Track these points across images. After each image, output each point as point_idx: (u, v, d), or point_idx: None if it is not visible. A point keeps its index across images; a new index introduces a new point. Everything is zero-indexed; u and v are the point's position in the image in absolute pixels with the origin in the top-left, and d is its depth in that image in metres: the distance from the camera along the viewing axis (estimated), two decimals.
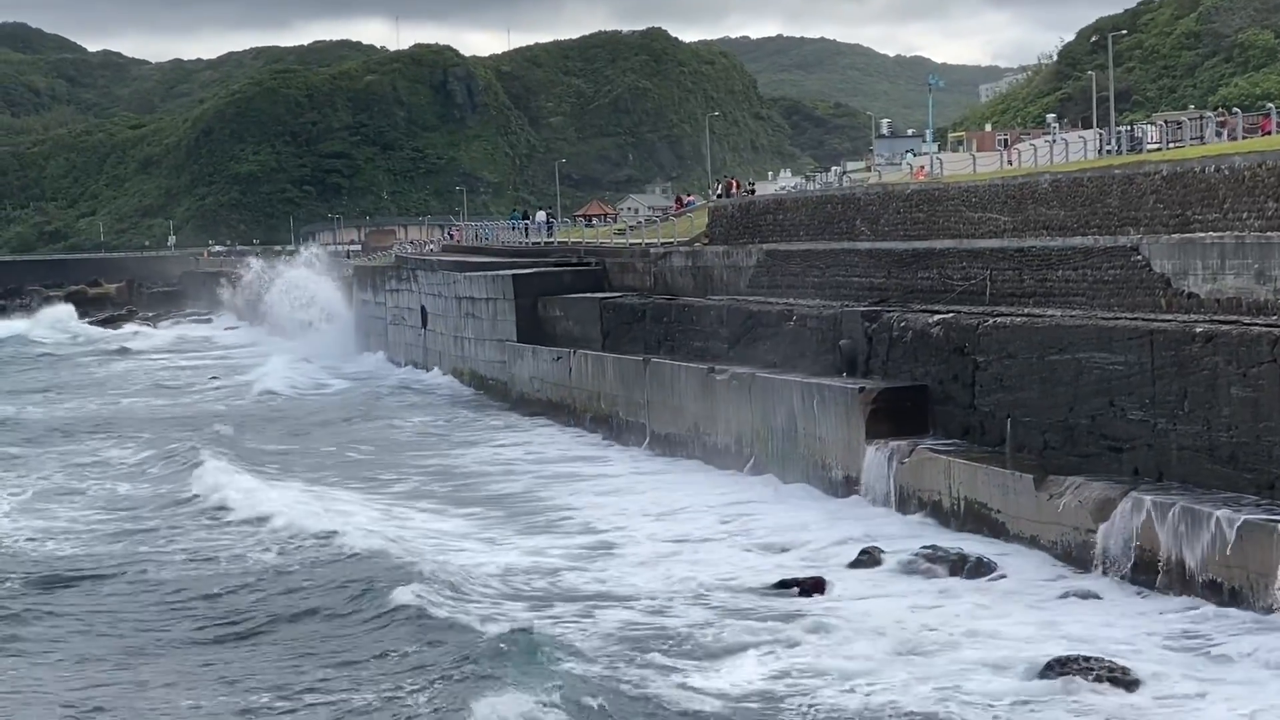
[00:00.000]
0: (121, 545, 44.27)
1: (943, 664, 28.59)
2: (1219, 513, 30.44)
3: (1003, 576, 34.97)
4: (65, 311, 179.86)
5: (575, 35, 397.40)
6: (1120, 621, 30.59)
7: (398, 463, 59.55)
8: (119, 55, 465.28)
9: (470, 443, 64.20)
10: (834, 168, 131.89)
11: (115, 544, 44.45)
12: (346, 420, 74.89)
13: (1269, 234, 34.25)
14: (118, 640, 33.75)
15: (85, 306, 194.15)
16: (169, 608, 36.53)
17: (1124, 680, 26.42)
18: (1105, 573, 33.67)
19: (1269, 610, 29.06)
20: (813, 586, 35.29)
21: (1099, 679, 26.41)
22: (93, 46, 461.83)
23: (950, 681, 27.44)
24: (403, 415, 75.12)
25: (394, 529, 44.65)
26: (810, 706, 26.84)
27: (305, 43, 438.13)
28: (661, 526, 44.22)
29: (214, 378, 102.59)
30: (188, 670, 30.98)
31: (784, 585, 35.61)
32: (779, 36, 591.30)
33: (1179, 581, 31.51)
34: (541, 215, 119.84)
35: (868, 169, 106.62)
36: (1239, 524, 29.74)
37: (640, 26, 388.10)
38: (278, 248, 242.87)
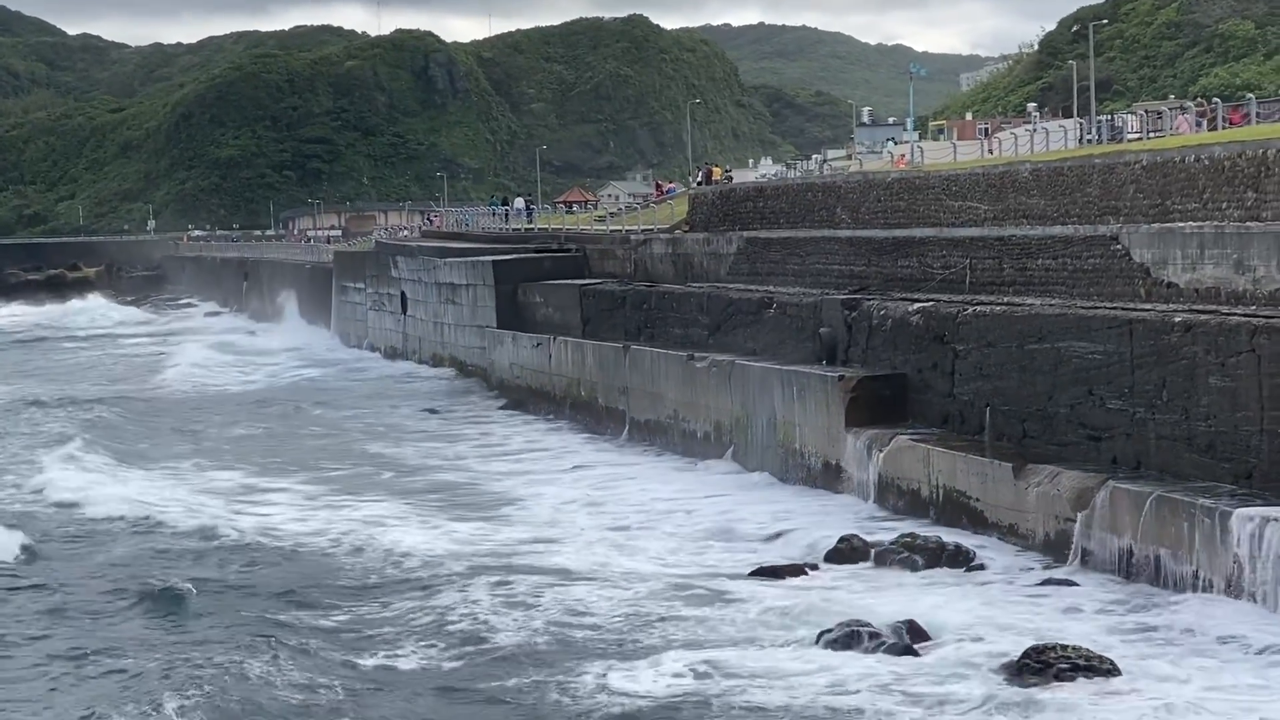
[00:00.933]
0: None
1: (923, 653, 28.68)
2: (1199, 502, 30.55)
3: (981, 566, 35.04)
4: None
5: (557, 22, 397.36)
6: (1098, 610, 30.65)
7: (349, 451, 59.48)
8: (99, 39, 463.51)
9: (433, 431, 64.25)
10: (815, 156, 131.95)
11: None
12: (316, 405, 74.75)
13: (1248, 224, 34.31)
14: None
15: (64, 290, 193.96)
16: None
17: (1101, 669, 26.44)
18: (1084, 562, 33.75)
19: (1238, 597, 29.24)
20: (789, 573, 35.39)
21: (1075, 667, 26.43)
22: (72, 30, 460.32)
23: (927, 671, 27.52)
24: (371, 402, 74.90)
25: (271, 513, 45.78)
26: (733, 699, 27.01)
27: (286, 28, 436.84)
28: (611, 517, 44.42)
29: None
30: None
31: (762, 573, 35.67)
32: (760, 24, 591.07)
33: (1154, 570, 31.59)
34: (520, 202, 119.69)
35: (849, 157, 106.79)
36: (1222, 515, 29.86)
37: (622, 14, 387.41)
38: (257, 232, 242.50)
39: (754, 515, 42.72)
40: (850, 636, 28.92)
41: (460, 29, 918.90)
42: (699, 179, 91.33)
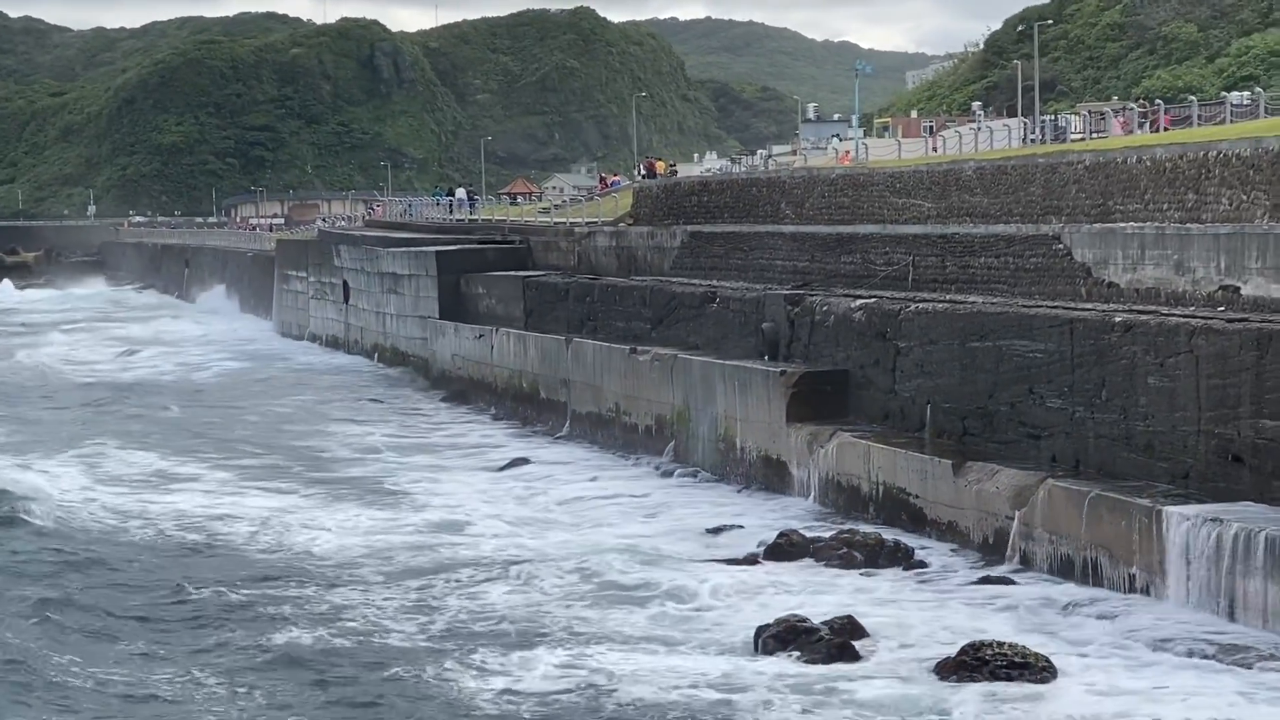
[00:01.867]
0: None
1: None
2: (1136, 501, 30.71)
3: (921, 564, 35.12)
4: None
5: (504, 13, 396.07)
6: (1034, 609, 30.77)
7: (271, 442, 59.13)
8: (40, 22, 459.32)
9: (352, 422, 64.01)
10: (760, 151, 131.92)
11: None
12: (245, 397, 74.27)
13: (1188, 225, 34.52)
14: None
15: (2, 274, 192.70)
16: None
17: (1037, 667, 26.48)
18: (1022, 561, 33.88)
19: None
20: (728, 567, 35.38)
21: (1011, 665, 26.50)
22: (14, 12, 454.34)
23: (865, 668, 27.56)
24: (301, 392, 74.60)
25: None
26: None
27: (230, 14, 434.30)
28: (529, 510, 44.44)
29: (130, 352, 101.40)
30: None
31: (701, 567, 35.63)
32: (707, 19, 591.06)
33: (1091, 570, 31.72)
34: (462, 192, 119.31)
35: (794, 153, 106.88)
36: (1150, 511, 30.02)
37: (569, 6, 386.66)
38: (199, 219, 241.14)
39: (692, 510, 42.69)
40: (788, 633, 28.89)
41: (406, 19, 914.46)
42: (640, 173, 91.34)
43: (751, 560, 36.30)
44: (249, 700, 26.85)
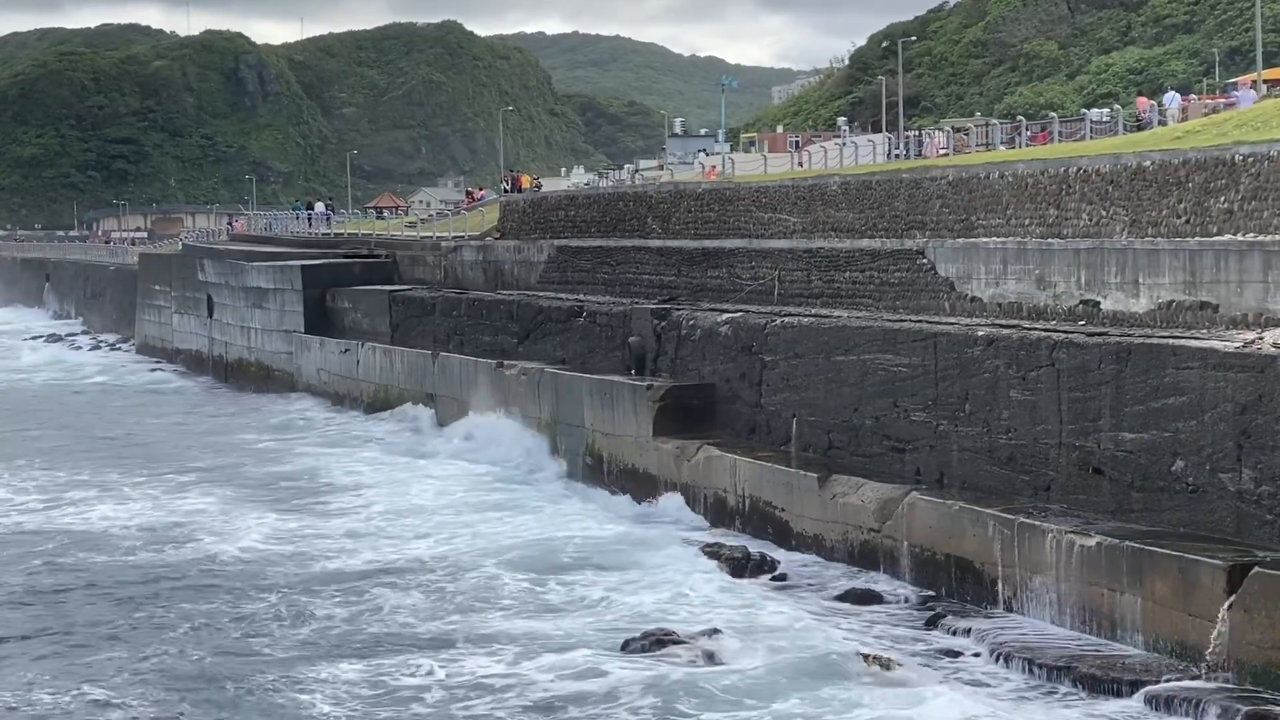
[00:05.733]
0: None
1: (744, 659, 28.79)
2: (998, 514, 30.98)
3: (784, 576, 35.23)
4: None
5: (370, 26, 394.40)
6: (896, 622, 30.98)
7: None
8: None
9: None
10: (627, 166, 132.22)
11: None
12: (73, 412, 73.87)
13: (1050, 240, 34.93)
14: None
15: None
16: None
17: (898, 681, 26.74)
18: (886, 571, 34.10)
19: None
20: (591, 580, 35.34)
21: (880, 664, 26.80)
22: None
23: (730, 679, 27.61)
24: (156, 408, 74.35)
25: None
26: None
27: (92, 25, 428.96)
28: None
29: None
30: None
31: (564, 580, 35.58)
32: (574, 33, 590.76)
33: (953, 582, 31.97)
34: (320, 206, 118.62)
35: (660, 168, 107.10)
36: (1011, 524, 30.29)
37: (435, 19, 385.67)
38: (60, 233, 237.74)
39: (561, 523, 42.50)
40: (654, 644, 28.93)
41: (271, 31, 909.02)
42: (505, 187, 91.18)
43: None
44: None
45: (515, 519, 43.06)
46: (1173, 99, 61.89)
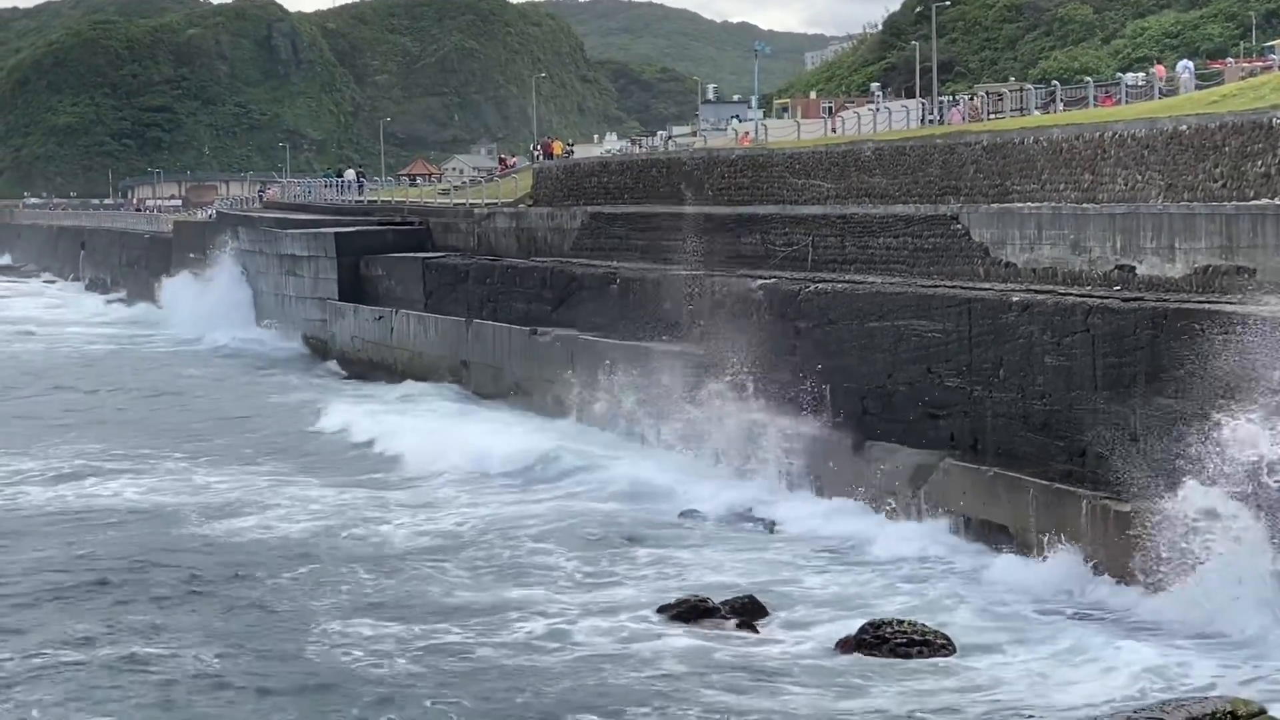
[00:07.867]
0: None
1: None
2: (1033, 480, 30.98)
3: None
4: None
5: None
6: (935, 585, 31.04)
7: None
8: None
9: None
10: (660, 132, 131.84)
11: None
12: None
13: (1084, 205, 34.79)
14: None
15: None
16: None
17: (936, 644, 26.68)
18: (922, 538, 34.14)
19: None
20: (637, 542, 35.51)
21: (911, 643, 26.70)
22: None
23: (766, 646, 27.68)
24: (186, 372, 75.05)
25: None
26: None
27: None
28: None
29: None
30: None
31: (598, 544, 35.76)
32: None
33: (989, 547, 32.00)
34: (351, 173, 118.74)
35: (694, 134, 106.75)
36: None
37: None
38: (95, 201, 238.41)
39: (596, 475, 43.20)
40: (691, 611, 29.02)
41: None
42: (537, 153, 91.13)
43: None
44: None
45: None
46: (1185, 67, 61.51)
